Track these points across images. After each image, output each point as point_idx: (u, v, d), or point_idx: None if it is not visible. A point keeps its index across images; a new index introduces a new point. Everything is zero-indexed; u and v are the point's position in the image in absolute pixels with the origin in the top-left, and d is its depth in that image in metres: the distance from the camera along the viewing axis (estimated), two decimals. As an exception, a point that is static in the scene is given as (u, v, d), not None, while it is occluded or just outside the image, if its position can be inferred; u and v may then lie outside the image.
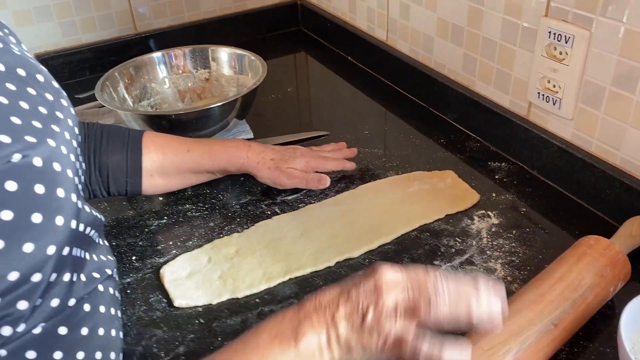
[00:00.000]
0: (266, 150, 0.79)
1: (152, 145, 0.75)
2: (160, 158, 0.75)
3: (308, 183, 0.76)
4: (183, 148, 0.76)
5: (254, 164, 0.77)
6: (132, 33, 1.25)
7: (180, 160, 0.76)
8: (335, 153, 0.85)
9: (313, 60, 1.29)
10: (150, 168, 0.75)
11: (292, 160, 0.78)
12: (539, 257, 0.69)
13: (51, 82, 0.53)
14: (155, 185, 0.76)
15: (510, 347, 0.51)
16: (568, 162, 0.77)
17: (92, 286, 0.54)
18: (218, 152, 0.77)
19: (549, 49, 0.75)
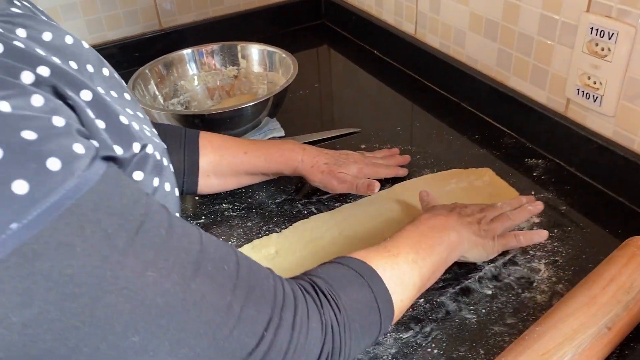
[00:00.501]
0: (320, 154, 0.78)
1: (210, 146, 0.75)
2: (217, 159, 0.75)
3: (358, 188, 0.75)
4: (240, 150, 0.76)
5: (308, 167, 0.77)
6: (157, 29, 1.24)
7: (237, 161, 0.76)
8: (387, 160, 0.84)
9: (337, 54, 1.28)
10: (207, 168, 0.75)
11: (345, 166, 0.78)
12: (582, 257, 0.68)
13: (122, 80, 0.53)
14: (210, 185, 0.77)
15: (566, 352, 0.51)
16: (609, 160, 0.76)
17: None
18: (274, 155, 0.77)
19: (590, 45, 0.74)
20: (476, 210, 0.67)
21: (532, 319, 0.60)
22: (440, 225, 0.62)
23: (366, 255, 0.55)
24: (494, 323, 0.61)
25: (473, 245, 0.64)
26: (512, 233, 0.67)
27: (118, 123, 0.42)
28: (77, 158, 0.35)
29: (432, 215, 0.63)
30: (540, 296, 0.64)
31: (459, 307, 0.63)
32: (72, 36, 0.45)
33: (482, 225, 0.65)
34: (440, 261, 0.60)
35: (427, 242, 0.59)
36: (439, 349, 0.59)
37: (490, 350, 0.58)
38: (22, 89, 0.34)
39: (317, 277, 0.50)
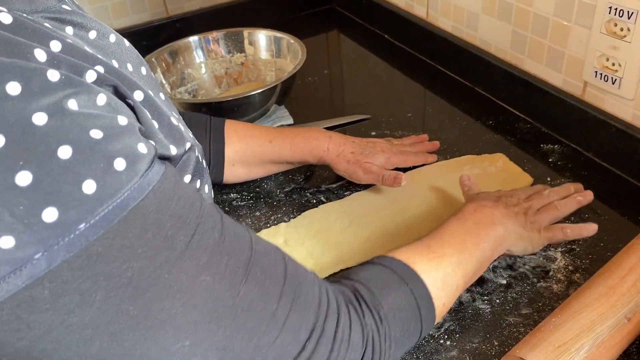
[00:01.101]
0: (347, 142, 0.76)
1: (235, 135, 0.74)
2: (242, 148, 0.74)
3: (384, 180, 0.73)
4: (265, 139, 0.75)
5: (334, 156, 0.75)
6: (164, 17, 1.23)
7: (263, 150, 0.75)
8: (415, 146, 0.82)
9: (347, 39, 1.26)
10: (233, 158, 0.74)
11: (372, 155, 0.76)
12: (600, 245, 0.66)
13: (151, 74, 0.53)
14: (236, 174, 0.76)
15: (583, 344, 0.49)
16: (628, 144, 0.74)
17: None
18: (300, 144, 0.75)
19: (608, 26, 0.71)
20: (522, 199, 0.65)
21: (548, 310, 0.59)
22: (487, 219, 0.59)
23: (410, 256, 0.53)
24: (509, 313, 0.59)
25: (519, 239, 0.61)
26: (558, 225, 0.64)
27: (169, 123, 0.42)
28: (141, 158, 0.35)
29: (477, 206, 0.61)
30: (557, 286, 0.62)
31: (472, 298, 0.61)
32: (115, 34, 0.44)
33: (528, 216, 0.63)
34: (485, 259, 0.57)
35: (472, 240, 0.56)
36: (451, 340, 0.57)
37: (504, 341, 0.56)
38: (88, 87, 0.34)
39: (359, 282, 0.49)
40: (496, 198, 0.63)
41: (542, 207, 0.65)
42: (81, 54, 0.36)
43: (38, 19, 0.37)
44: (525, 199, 0.65)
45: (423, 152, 0.82)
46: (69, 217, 0.31)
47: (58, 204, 0.31)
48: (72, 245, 0.31)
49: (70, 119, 0.32)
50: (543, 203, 0.66)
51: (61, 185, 0.31)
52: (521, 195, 0.65)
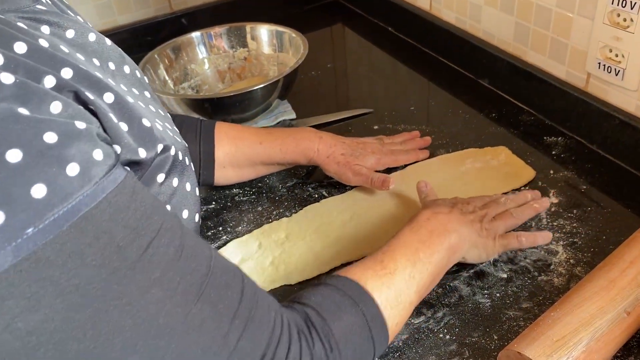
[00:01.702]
0: (338, 143, 0.76)
1: (225, 137, 0.74)
2: (232, 150, 0.74)
3: (373, 183, 0.73)
4: (255, 140, 0.75)
5: (324, 157, 0.75)
6: (167, 12, 1.23)
7: (253, 152, 0.75)
8: (406, 144, 0.82)
9: (351, 32, 1.26)
10: (223, 160, 0.74)
11: (362, 157, 0.76)
12: (603, 238, 0.66)
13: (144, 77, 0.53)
14: (227, 176, 0.76)
15: (582, 338, 0.49)
16: (632, 136, 0.73)
17: None
18: (290, 145, 0.75)
19: (611, 16, 0.71)
20: (478, 207, 0.64)
21: (549, 303, 0.58)
22: (441, 227, 0.58)
23: (362, 274, 0.52)
24: (509, 307, 0.59)
25: (473, 246, 0.60)
26: (514, 233, 0.64)
27: (141, 125, 0.41)
28: (96, 164, 0.34)
29: (432, 214, 0.60)
30: (558, 279, 0.61)
31: (472, 291, 0.61)
32: (95, 33, 0.44)
33: (484, 223, 0.62)
34: (439, 269, 0.57)
35: (426, 250, 0.56)
36: (451, 334, 0.57)
37: (504, 335, 0.56)
38: (43, 93, 0.34)
39: (310, 307, 0.48)
40: (452, 205, 0.62)
41: (498, 214, 0.65)
42: (47, 57, 0.36)
43: (10, 18, 0.37)
44: (482, 206, 0.65)
45: (414, 149, 0.81)
46: (17, 221, 0.31)
47: (5, 208, 0.30)
48: (20, 249, 0.31)
49: (21, 123, 0.31)
50: (499, 211, 0.65)
51: (9, 189, 0.30)
52: (477, 202, 0.65)
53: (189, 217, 0.48)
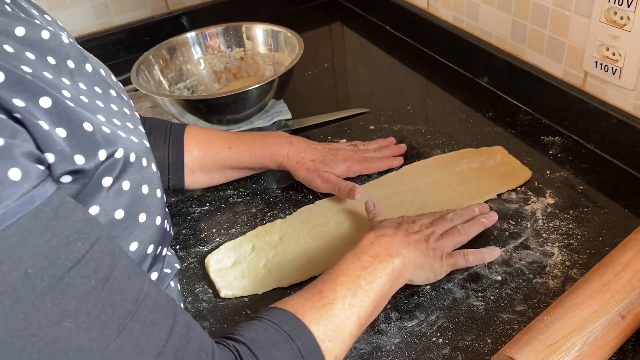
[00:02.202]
0: (308, 149, 0.76)
1: (194, 141, 0.73)
2: (201, 154, 0.73)
3: (340, 191, 0.72)
4: (224, 145, 0.74)
5: (294, 162, 0.74)
6: (164, 12, 1.22)
7: (221, 157, 0.74)
8: (381, 151, 0.81)
9: (349, 31, 1.25)
10: (192, 164, 0.73)
11: (332, 164, 0.75)
12: (599, 240, 0.65)
13: (110, 75, 0.52)
14: (197, 181, 0.75)
15: (575, 342, 0.48)
16: (629, 136, 0.72)
17: (167, 282, 0.55)
18: (259, 150, 0.74)
19: (608, 14, 0.70)
20: (425, 225, 0.63)
21: (544, 306, 0.58)
22: (384, 251, 0.56)
23: (300, 306, 0.50)
24: (503, 310, 0.58)
25: (419, 268, 0.59)
26: (461, 251, 0.62)
27: (81, 130, 0.39)
28: (9, 186, 0.32)
29: (375, 237, 0.58)
30: (553, 282, 0.61)
31: (466, 294, 0.61)
32: (49, 31, 0.43)
33: (430, 243, 0.61)
34: (381, 296, 0.55)
35: (367, 277, 0.54)
36: (444, 338, 0.57)
37: (498, 339, 0.56)
38: None
39: (243, 344, 0.45)
40: (397, 225, 0.61)
41: (446, 232, 0.63)
42: None
43: None
44: (429, 224, 0.63)
45: (388, 156, 0.80)
46: None
47: None
48: None
49: None
50: (446, 228, 0.64)
51: None
52: (424, 221, 0.64)
53: (148, 220, 0.46)
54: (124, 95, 0.51)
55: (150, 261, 0.48)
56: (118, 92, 0.50)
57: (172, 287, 0.57)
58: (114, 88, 0.49)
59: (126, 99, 0.51)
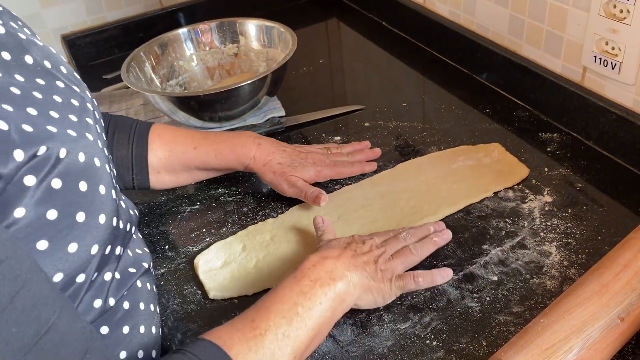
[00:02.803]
0: (276, 151, 0.73)
1: (159, 140, 0.71)
2: (166, 154, 0.71)
3: (306, 197, 0.70)
4: (190, 145, 0.72)
5: (260, 165, 0.72)
6: (157, 8, 1.21)
7: (187, 157, 0.72)
8: (354, 155, 0.78)
9: (346, 27, 1.23)
10: (157, 165, 0.71)
11: (300, 168, 0.72)
12: (598, 239, 0.63)
13: (73, 73, 0.51)
14: (163, 181, 0.73)
15: (572, 346, 0.47)
16: (629, 132, 0.70)
17: (130, 282, 0.53)
18: (225, 151, 0.72)
19: (607, 7, 0.68)
20: (376, 245, 0.60)
21: (540, 307, 0.56)
22: (326, 275, 0.53)
23: (228, 337, 0.47)
24: (499, 312, 0.57)
25: (366, 291, 0.56)
26: (411, 273, 0.58)
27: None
28: None
29: (319, 259, 0.55)
30: (550, 282, 0.59)
31: (461, 295, 0.59)
32: None
33: (379, 264, 0.57)
34: (321, 324, 0.51)
35: (306, 304, 0.50)
36: (438, 340, 0.55)
37: (493, 341, 0.54)
38: None
39: None
40: (345, 245, 0.58)
41: (398, 251, 0.60)
42: None
43: None
44: (380, 244, 0.60)
45: (361, 161, 0.78)
46: None
47: None
48: None
49: None
50: (398, 247, 0.60)
51: None
52: (376, 240, 0.60)
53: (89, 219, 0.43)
54: (77, 87, 0.49)
55: (98, 262, 0.46)
56: (68, 84, 0.48)
57: (140, 287, 0.54)
58: (62, 80, 0.47)
59: (78, 91, 0.49)
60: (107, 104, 0.99)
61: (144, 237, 0.72)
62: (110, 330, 0.49)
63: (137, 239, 0.59)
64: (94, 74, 1.14)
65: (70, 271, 0.43)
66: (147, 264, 0.57)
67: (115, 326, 0.50)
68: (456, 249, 0.64)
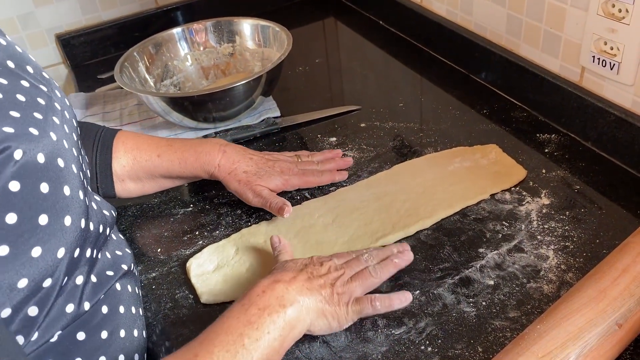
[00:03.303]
0: (242, 159, 0.72)
1: (123, 148, 0.69)
2: (130, 162, 0.69)
3: (270, 207, 0.68)
4: (153, 152, 0.70)
5: (225, 174, 0.71)
6: (153, 7, 1.20)
7: (151, 165, 0.70)
8: (324, 164, 0.76)
9: (343, 26, 1.22)
10: (121, 173, 0.69)
11: (267, 177, 0.71)
12: (596, 242, 0.62)
13: (41, 72, 0.49)
14: (128, 190, 0.71)
15: (569, 353, 0.46)
16: (628, 133, 0.69)
17: (108, 285, 0.52)
18: (189, 159, 0.70)
19: (605, 7, 0.67)
20: (334, 267, 0.57)
21: (537, 312, 0.55)
22: (276, 302, 0.51)
23: None
24: (495, 317, 0.56)
25: (319, 316, 0.53)
26: (368, 297, 0.56)
27: None
28: None
29: (269, 284, 0.52)
30: (548, 286, 0.58)
31: (457, 300, 0.58)
32: None
33: (336, 287, 0.55)
34: (270, 354, 0.49)
35: (253, 334, 0.48)
36: (433, 346, 0.54)
37: (489, 347, 0.53)
38: None
39: None
40: (301, 268, 0.56)
41: (357, 273, 0.57)
42: None
43: None
44: (340, 265, 0.58)
45: (332, 170, 0.76)
46: None
47: None
48: None
49: None
50: (357, 269, 0.58)
51: None
52: (336, 261, 0.58)
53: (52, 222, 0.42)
54: (44, 86, 0.48)
55: (67, 266, 0.44)
56: (34, 83, 0.47)
57: (119, 290, 0.53)
58: (27, 79, 0.46)
59: (45, 90, 0.48)
60: (101, 104, 0.98)
61: (137, 239, 0.71)
62: (87, 336, 0.48)
63: (116, 240, 0.57)
64: (89, 73, 1.13)
65: (35, 276, 0.41)
66: (126, 266, 0.55)
67: (93, 331, 0.49)
68: (452, 252, 0.63)
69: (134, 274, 0.59)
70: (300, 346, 0.55)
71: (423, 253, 0.64)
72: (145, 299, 0.63)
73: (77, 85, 1.10)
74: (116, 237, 0.57)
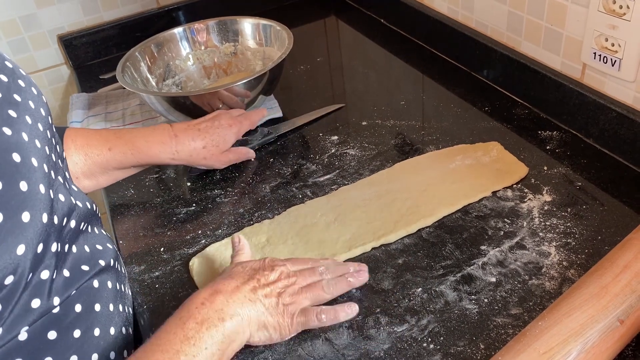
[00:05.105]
0: (195, 137, 0.74)
1: (73, 146, 0.69)
2: (82, 159, 0.69)
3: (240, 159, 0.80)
4: (104, 147, 0.70)
5: (186, 157, 0.74)
6: (154, 7, 1.20)
7: (103, 159, 0.70)
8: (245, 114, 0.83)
9: (344, 25, 1.22)
10: (74, 171, 0.69)
11: (222, 141, 0.76)
12: (598, 239, 0.62)
13: (4, 62, 0.48)
14: (83, 186, 0.71)
15: (570, 349, 0.46)
16: (629, 129, 0.69)
17: (82, 280, 0.50)
18: (142, 149, 0.71)
19: (606, 3, 0.67)
20: (285, 274, 0.56)
21: (539, 309, 0.55)
22: (215, 315, 0.50)
23: None
24: (497, 314, 0.56)
25: (260, 328, 0.53)
26: (315, 309, 0.55)
27: None
28: None
29: (209, 295, 0.51)
30: (549, 283, 0.58)
31: (459, 297, 0.58)
32: None
33: (283, 297, 0.54)
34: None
35: (189, 351, 0.47)
36: (435, 343, 0.54)
37: (491, 344, 0.53)
38: None
39: None
40: (249, 275, 0.54)
41: (309, 285, 0.57)
42: None
43: None
44: (292, 273, 0.57)
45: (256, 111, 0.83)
46: None
47: None
48: None
49: None
50: (310, 281, 0.57)
51: None
52: (289, 267, 0.57)
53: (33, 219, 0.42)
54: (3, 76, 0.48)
55: (31, 262, 0.43)
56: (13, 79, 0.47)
57: (97, 287, 0.52)
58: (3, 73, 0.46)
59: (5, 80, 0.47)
60: (104, 105, 0.98)
61: (139, 239, 0.71)
62: (58, 335, 0.47)
63: (98, 235, 0.57)
64: (91, 74, 1.13)
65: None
66: (105, 262, 0.54)
67: (65, 330, 0.48)
68: (454, 249, 0.63)
69: (117, 270, 0.58)
70: (302, 344, 0.56)
71: (425, 251, 0.64)
72: (149, 297, 0.63)
73: (80, 85, 1.11)
74: (98, 231, 0.57)
